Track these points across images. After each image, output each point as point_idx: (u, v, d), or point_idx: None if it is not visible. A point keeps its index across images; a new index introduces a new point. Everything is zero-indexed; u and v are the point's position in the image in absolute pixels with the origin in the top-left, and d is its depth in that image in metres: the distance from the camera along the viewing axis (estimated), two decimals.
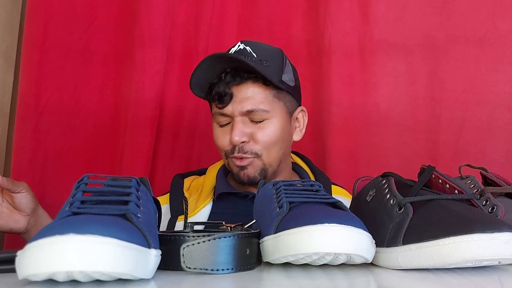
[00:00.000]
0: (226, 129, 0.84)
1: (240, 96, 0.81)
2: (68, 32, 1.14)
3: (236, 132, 0.80)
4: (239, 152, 0.82)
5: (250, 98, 0.81)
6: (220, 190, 0.87)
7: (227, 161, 0.86)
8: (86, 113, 1.13)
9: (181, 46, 1.15)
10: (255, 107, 0.81)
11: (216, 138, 0.86)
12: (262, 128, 0.82)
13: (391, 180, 0.53)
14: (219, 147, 0.86)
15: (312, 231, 0.42)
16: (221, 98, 0.81)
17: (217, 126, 0.86)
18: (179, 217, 0.84)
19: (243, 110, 0.81)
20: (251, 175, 0.83)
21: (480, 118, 1.07)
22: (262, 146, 0.82)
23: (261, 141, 0.82)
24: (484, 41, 1.08)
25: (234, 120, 0.82)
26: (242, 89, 0.81)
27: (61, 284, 0.37)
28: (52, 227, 0.35)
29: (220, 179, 0.90)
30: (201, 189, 0.90)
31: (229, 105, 0.81)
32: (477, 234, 0.40)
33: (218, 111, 0.83)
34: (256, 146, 0.82)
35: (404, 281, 0.43)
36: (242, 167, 0.83)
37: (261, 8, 1.17)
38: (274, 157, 0.84)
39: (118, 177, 0.50)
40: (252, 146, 0.82)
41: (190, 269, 0.43)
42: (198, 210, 0.85)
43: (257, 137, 0.82)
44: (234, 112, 0.81)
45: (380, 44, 1.11)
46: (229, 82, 0.81)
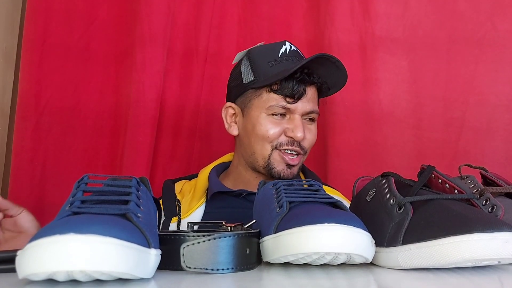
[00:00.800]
0: (280, 121, 0.85)
1: (308, 97, 0.85)
2: (68, 32, 1.13)
3: (301, 129, 0.84)
4: (297, 147, 0.85)
5: (313, 100, 0.87)
6: (213, 189, 0.87)
7: (273, 154, 0.85)
8: (86, 113, 1.13)
9: (181, 46, 1.15)
10: (315, 109, 0.87)
11: (268, 127, 0.84)
12: (312, 130, 0.88)
13: (391, 180, 0.53)
14: (270, 136, 0.84)
15: (312, 231, 0.42)
16: (296, 94, 0.84)
17: (267, 116, 0.85)
18: (172, 219, 0.84)
19: (307, 110, 0.85)
20: (295, 173, 0.87)
21: (480, 119, 1.07)
22: (308, 145, 0.88)
23: (310, 140, 0.88)
24: (483, 41, 1.08)
25: (295, 117, 0.84)
26: (310, 90, 0.86)
27: (61, 284, 0.37)
28: (52, 226, 0.35)
29: (213, 179, 0.90)
30: (193, 190, 0.90)
31: (298, 102, 0.84)
32: (476, 234, 0.40)
33: (283, 104, 0.84)
34: (306, 144, 0.87)
35: (404, 281, 0.43)
36: (291, 165, 0.85)
37: (261, 8, 1.17)
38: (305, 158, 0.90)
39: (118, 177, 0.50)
40: (305, 144, 0.87)
41: (190, 268, 0.43)
42: (192, 211, 0.86)
43: (309, 136, 0.87)
44: (301, 109, 0.85)
45: (381, 41, 1.10)
46: (306, 82, 0.84)
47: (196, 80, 1.16)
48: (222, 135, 1.14)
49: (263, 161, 0.86)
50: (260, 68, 0.85)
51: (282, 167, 0.85)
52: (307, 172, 0.96)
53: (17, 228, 0.73)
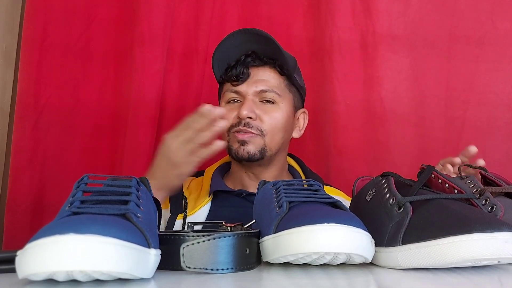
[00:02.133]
0: (233, 106, 0.87)
1: (256, 78, 0.87)
2: (68, 31, 1.13)
3: (246, 107, 0.84)
4: (244, 126, 0.85)
5: (265, 81, 0.87)
6: (214, 188, 0.88)
7: (229, 138, 0.87)
8: (86, 112, 1.13)
9: (181, 46, 1.15)
10: (269, 88, 0.86)
11: None
12: (270, 112, 0.87)
13: (390, 179, 0.53)
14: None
15: (312, 230, 0.42)
16: (238, 76, 0.86)
17: (225, 104, 0.89)
18: (178, 215, 0.85)
19: (257, 90, 0.86)
20: (251, 151, 0.85)
21: (480, 118, 1.07)
22: (268, 127, 0.86)
23: (267, 122, 0.86)
24: (483, 41, 1.08)
25: (246, 98, 0.86)
26: (259, 71, 0.87)
27: (61, 284, 0.37)
28: (52, 226, 0.35)
29: (215, 178, 0.92)
30: (200, 188, 0.92)
31: (243, 84, 0.86)
32: (476, 234, 0.40)
33: (231, 89, 0.87)
34: (262, 125, 0.86)
35: (404, 281, 0.43)
36: (243, 141, 0.85)
37: (261, 7, 1.17)
38: (275, 143, 0.88)
39: (118, 177, 0.50)
40: (258, 123, 0.86)
41: (190, 268, 0.43)
42: (198, 208, 0.86)
43: (264, 117, 0.86)
44: (248, 90, 0.86)
45: (383, 39, 1.10)
46: (249, 63, 0.87)
47: (196, 80, 1.16)
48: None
49: (226, 144, 0.87)
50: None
51: (236, 146, 0.86)
52: (308, 172, 0.95)
53: None
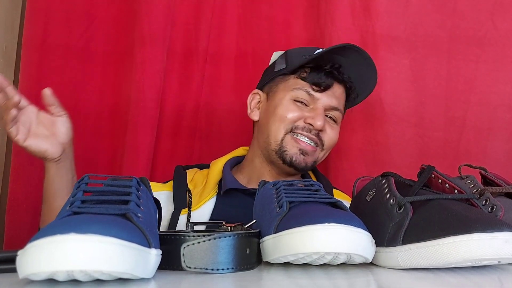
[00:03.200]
0: (302, 107, 0.86)
1: (334, 92, 0.87)
2: (68, 31, 1.13)
3: (322, 118, 0.84)
4: (314, 136, 0.84)
5: (339, 99, 0.88)
6: (228, 185, 0.85)
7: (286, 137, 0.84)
8: (86, 112, 1.13)
9: (181, 46, 1.15)
10: (340, 107, 0.88)
11: (289, 109, 0.85)
12: (333, 129, 0.88)
13: (390, 179, 0.53)
14: (287, 118, 0.85)
15: (312, 230, 0.42)
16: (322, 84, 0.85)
17: (291, 100, 0.86)
18: (182, 210, 0.82)
19: (332, 104, 0.86)
20: (309, 164, 0.85)
21: (481, 118, 1.07)
22: (328, 143, 0.87)
23: (330, 137, 0.87)
24: (484, 41, 1.08)
25: (319, 107, 0.85)
26: (338, 88, 0.87)
27: (61, 284, 0.37)
28: (53, 226, 0.35)
29: (228, 174, 0.88)
30: (205, 182, 0.88)
31: (323, 94, 0.85)
32: (476, 234, 0.40)
33: (309, 91, 0.85)
34: (326, 138, 0.86)
35: (404, 281, 0.43)
36: (305, 152, 0.84)
37: (261, 7, 1.17)
38: (323, 158, 0.89)
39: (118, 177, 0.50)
40: (324, 137, 0.86)
41: (191, 268, 0.43)
42: (202, 203, 0.84)
43: (329, 133, 0.87)
44: (325, 101, 0.86)
45: (382, 40, 1.10)
46: (335, 76, 0.86)
47: (196, 80, 1.16)
48: (222, 135, 1.14)
49: (275, 144, 0.85)
50: (293, 59, 0.88)
51: (295, 151, 0.84)
52: (319, 175, 0.95)
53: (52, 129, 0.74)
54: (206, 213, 0.83)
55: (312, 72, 0.85)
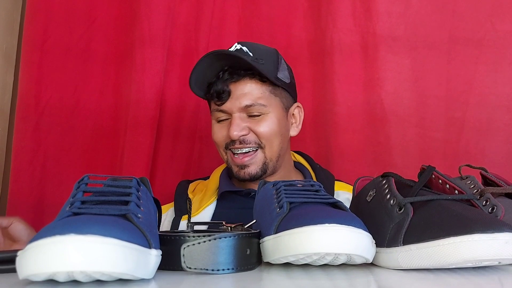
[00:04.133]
0: (223, 125, 0.87)
1: (238, 93, 0.84)
2: (68, 32, 1.14)
3: (234, 127, 0.83)
4: (241, 143, 0.84)
5: (247, 94, 0.84)
6: (222, 189, 0.88)
7: (227, 156, 0.87)
8: (86, 113, 1.13)
9: (181, 46, 1.15)
10: (253, 102, 0.83)
11: (214, 133, 0.88)
12: (260, 122, 0.85)
13: (391, 180, 0.53)
14: (216, 142, 0.88)
15: (313, 231, 0.42)
16: (220, 95, 0.84)
17: (215, 123, 0.88)
18: (183, 217, 0.86)
19: (241, 106, 0.83)
20: (253, 172, 0.85)
21: (480, 119, 1.07)
22: (264, 138, 0.85)
23: (261, 133, 0.85)
24: (483, 42, 1.08)
25: (233, 116, 0.84)
26: (239, 85, 0.84)
27: (61, 284, 0.37)
28: (53, 227, 0.35)
29: (224, 179, 0.91)
30: (205, 189, 0.92)
31: (227, 102, 0.84)
32: (477, 234, 0.40)
33: (217, 108, 0.86)
34: (257, 138, 0.85)
35: (404, 281, 0.43)
36: (242, 166, 0.85)
37: (261, 8, 1.17)
38: (274, 151, 0.87)
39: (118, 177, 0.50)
40: (253, 137, 0.85)
41: (191, 269, 0.43)
42: (202, 209, 0.87)
43: (257, 129, 0.84)
44: (232, 108, 0.84)
45: (383, 40, 1.10)
46: (227, 79, 0.84)
47: None
48: None
49: (228, 165, 0.88)
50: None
51: (236, 169, 0.86)
52: (317, 169, 0.95)
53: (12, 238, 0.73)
54: (206, 219, 0.85)
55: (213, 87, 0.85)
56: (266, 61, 0.85)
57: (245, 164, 0.84)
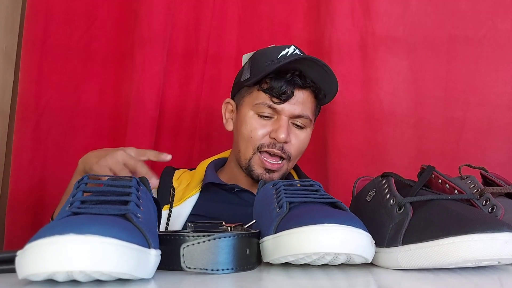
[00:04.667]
0: (266, 122, 0.85)
1: (298, 99, 0.84)
2: (68, 32, 1.13)
3: (284, 130, 0.82)
4: (279, 150, 0.84)
5: (303, 104, 0.85)
6: (207, 180, 0.88)
7: (254, 157, 0.85)
8: (86, 113, 1.13)
9: (181, 46, 1.15)
10: (305, 113, 0.85)
11: (253, 128, 0.85)
12: (300, 136, 0.86)
13: (391, 180, 0.53)
14: (252, 137, 0.85)
15: (312, 231, 0.42)
16: (283, 95, 0.83)
17: (255, 116, 0.85)
18: (164, 206, 0.85)
19: (295, 113, 0.84)
20: (275, 179, 0.85)
21: (481, 118, 1.07)
22: (295, 152, 0.86)
23: (296, 146, 0.86)
24: (484, 41, 1.08)
25: (282, 118, 0.84)
26: (302, 93, 0.85)
27: (61, 284, 0.37)
28: (52, 227, 0.35)
29: (210, 171, 0.91)
30: (190, 180, 0.91)
31: (285, 103, 0.83)
32: (477, 234, 0.40)
33: (270, 104, 0.84)
34: (292, 149, 0.85)
35: (404, 281, 0.43)
36: (270, 170, 0.85)
37: (261, 8, 1.17)
38: (293, 164, 0.89)
39: (118, 177, 0.50)
40: (290, 148, 0.85)
41: (190, 269, 0.43)
42: (185, 199, 0.86)
43: (295, 142, 0.85)
44: (287, 111, 0.84)
45: (382, 41, 1.10)
46: (296, 83, 0.83)
47: (196, 80, 1.16)
48: (222, 135, 1.14)
49: (245, 161, 0.86)
50: (257, 67, 0.86)
51: (261, 171, 0.85)
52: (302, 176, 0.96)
53: None
54: (187, 209, 0.85)
55: (273, 81, 0.83)
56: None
57: (273, 170, 0.85)
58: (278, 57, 0.85)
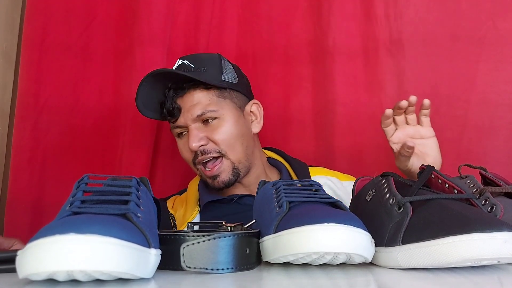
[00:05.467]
0: (185, 140, 0.88)
1: (187, 105, 0.85)
2: (68, 31, 1.13)
3: (192, 138, 0.84)
4: (202, 154, 0.85)
5: (196, 104, 0.85)
6: (205, 200, 0.89)
7: (198, 171, 0.88)
8: (86, 112, 1.13)
9: (181, 46, 1.15)
10: (203, 110, 0.85)
11: (180, 151, 0.90)
12: (216, 128, 0.85)
13: (390, 179, 0.53)
14: (185, 159, 0.89)
15: (312, 230, 0.42)
16: (171, 113, 0.86)
17: (178, 139, 0.90)
18: None
19: (193, 117, 0.85)
20: (225, 180, 0.86)
21: (482, 118, 1.07)
22: (223, 144, 0.85)
23: (219, 140, 0.85)
24: (484, 40, 1.08)
25: (189, 128, 0.86)
26: (186, 98, 0.86)
27: (61, 284, 0.37)
28: (53, 226, 0.35)
29: (202, 190, 0.92)
30: (185, 203, 0.92)
31: (180, 117, 0.86)
32: (476, 234, 0.40)
33: (173, 125, 0.88)
34: (217, 144, 0.85)
35: (404, 281, 0.43)
36: (213, 176, 0.86)
37: (261, 8, 1.17)
38: (239, 152, 0.87)
39: (118, 177, 0.50)
40: (213, 146, 0.85)
41: (190, 268, 0.43)
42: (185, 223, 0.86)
43: (214, 137, 0.85)
44: (186, 121, 0.85)
45: (383, 40, 1.10)
46: (173, 96, 0.86)
47: None
48: None
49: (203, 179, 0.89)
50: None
51: (210, 181, 0.87)
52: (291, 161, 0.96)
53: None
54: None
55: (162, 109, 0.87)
56: (208, 67, 0.87)
57: (216, 174, 0.86)
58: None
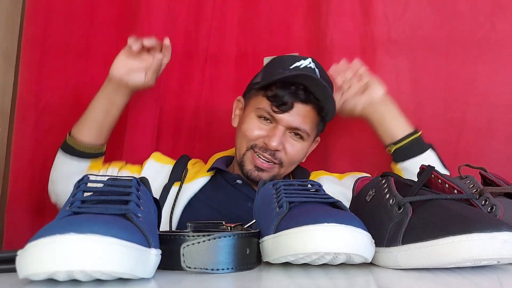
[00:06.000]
0: (263, 126, 0.88)
1: (297, 112, 0.86)
2: (68, 31, 1.13)
3: (277, 139, 0.85)
4: (270, 155, 0.87)
5: (303, 118, 0.87)
6: (214, 165, 0.92)
7: (247, 153, 0.89)
8: None
9: (181, 46, 1.15)
10: (303, 127, 0.87)
11: (250, 128, 0.89)
12: (295, 144, 0.88)
13: (390, 180, 0.53)
14: (248, 136, 0.88)
15: (312, 230, 0.42)
16: (283, 105, 0.85)
17: (255, 117, 0.89)
18: (175, 183, 0.90)
19: (293, 125, 0.86)
20: (264, 178, 0.87)
21: (481, 119, 1.07)
22: (289, 160, 0.88)
23: (290, 155, 0.88)
24: (483, 42, 1.08)
25: (278, 127, 0.86)
26: (303, 108, 0.87)
27: (61, 284, 0.37)
28: (53, 226, 0.35)
29: (219, 160, 0.95)
30: (202, 167, 0.96)
31: (284, 114, 0.86)
32: (476, 234, 0.40)
33: (269, 111, 0.87)
34: (284, 156, 0.88)
35: (404, 281, 0.43)
36: (259, 168, 0.88)
37: (261, 8, 1.17)
38: (287, 171, 0.91)
39: (118, 177, 0.50)
40: (282, 155, 0.88)
41: (190, 268, 0.43)
42: (196, 178, 0.91)
43: (289, 150, 0.88)
44: (285, 122, 0.86)
45: (381, 42, 1.10)
46: (299, 97, 0.85)
47: (196, 80, 1.16)
48: (222, 135, 1.14)
49: (239, 156, 0.90)
50: (268, 73, 0.89)
51: (251, 168, 0.88)
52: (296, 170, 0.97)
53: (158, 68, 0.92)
54: (196, 186, 0.89)
55: (278, 90, 0.85)
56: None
57: (263, 169, 0.87)
58: (290, 67, 0.86)
